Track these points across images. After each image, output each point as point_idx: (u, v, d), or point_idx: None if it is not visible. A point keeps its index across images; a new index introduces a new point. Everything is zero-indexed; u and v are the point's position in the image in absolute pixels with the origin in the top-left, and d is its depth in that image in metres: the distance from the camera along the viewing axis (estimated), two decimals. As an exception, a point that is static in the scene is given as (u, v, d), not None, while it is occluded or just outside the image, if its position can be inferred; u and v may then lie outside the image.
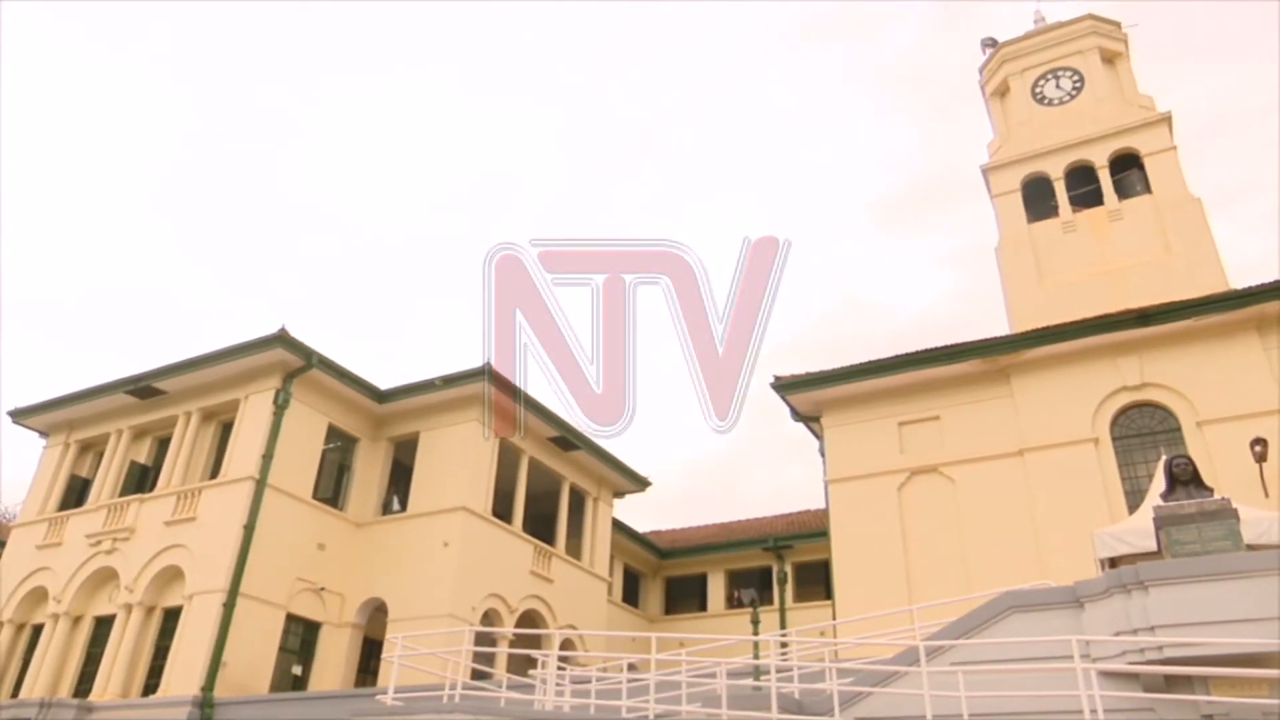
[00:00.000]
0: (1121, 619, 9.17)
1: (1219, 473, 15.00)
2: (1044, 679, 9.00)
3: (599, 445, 24.18)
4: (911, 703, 9.28)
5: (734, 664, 11.11)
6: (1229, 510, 9.63)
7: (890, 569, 17.62)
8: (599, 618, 23.97)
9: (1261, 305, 16.29)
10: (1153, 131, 21.17)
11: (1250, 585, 8.67)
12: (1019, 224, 21.68)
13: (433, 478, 20.96)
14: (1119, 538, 11.99)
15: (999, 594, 10.29)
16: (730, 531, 29.53)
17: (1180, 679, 8.64)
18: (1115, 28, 23.83)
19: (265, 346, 19.51)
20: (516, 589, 21.22)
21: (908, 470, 18.45)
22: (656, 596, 29.85)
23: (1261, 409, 15.77)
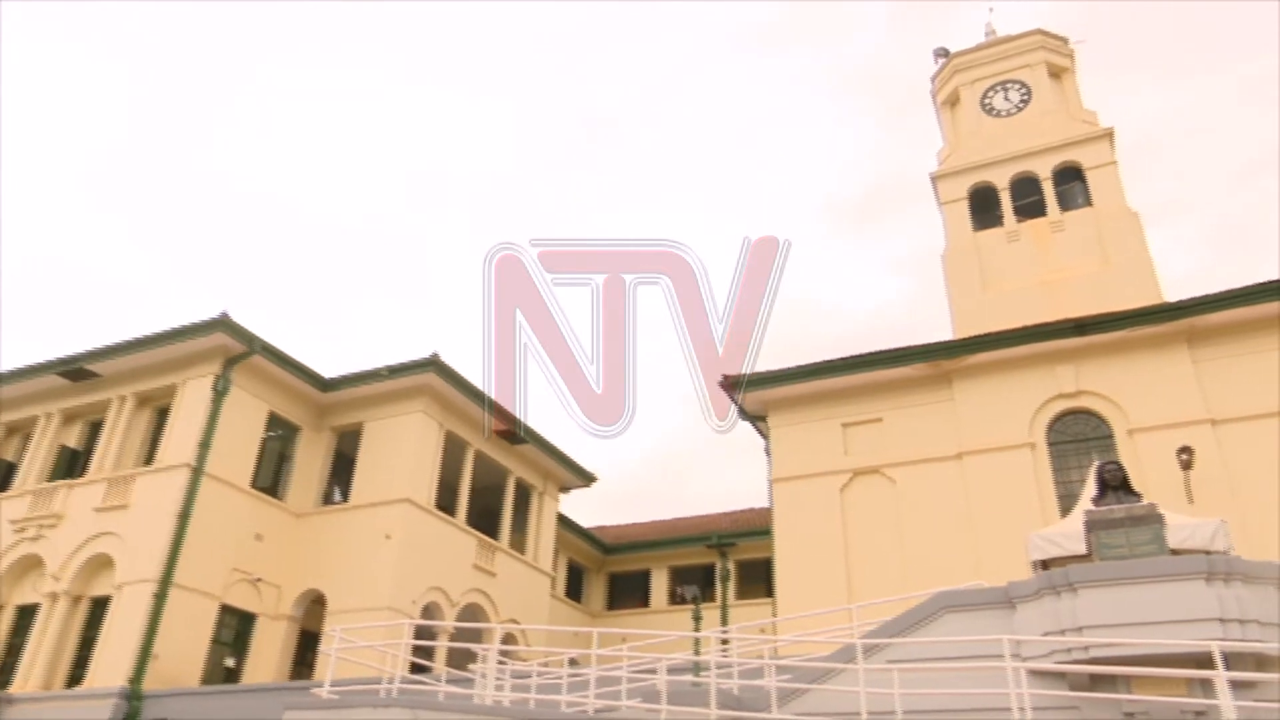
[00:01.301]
0: (1051, 619, 9.43)
1: (1147, 479, 15.49)
2: (976, 677, 9.21)
3: (546, 439, 24.11)
4: (847, 700, 9.42)
5: (674, 660, 11.16)
6: (1155, 516, 9.95)
7: (831, 568, 17.86)
8: (542, 613, 23.91)
9: (1191, 319, 16.86)
10: (1095, 146, 21.75)
11: (1173, 588, 8.97)
12: (965, 232, 22.11)
13: (376, 469, 20.68)
14: (1051, 540, 12.29)
15: (934, 594, 10.51)
16: (675, 528, 29.66)
17: (1105, 678, 8.91)
18: (1063, 43, 24.42)
19: (206, 331, 19.05)
20: (459, 583, 21.05)
21: (850, 471, 18.72)
22: (600, 592, 29.87)
23: (1188, 419, 16.33)
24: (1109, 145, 21.75)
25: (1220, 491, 15.47)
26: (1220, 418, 16.24)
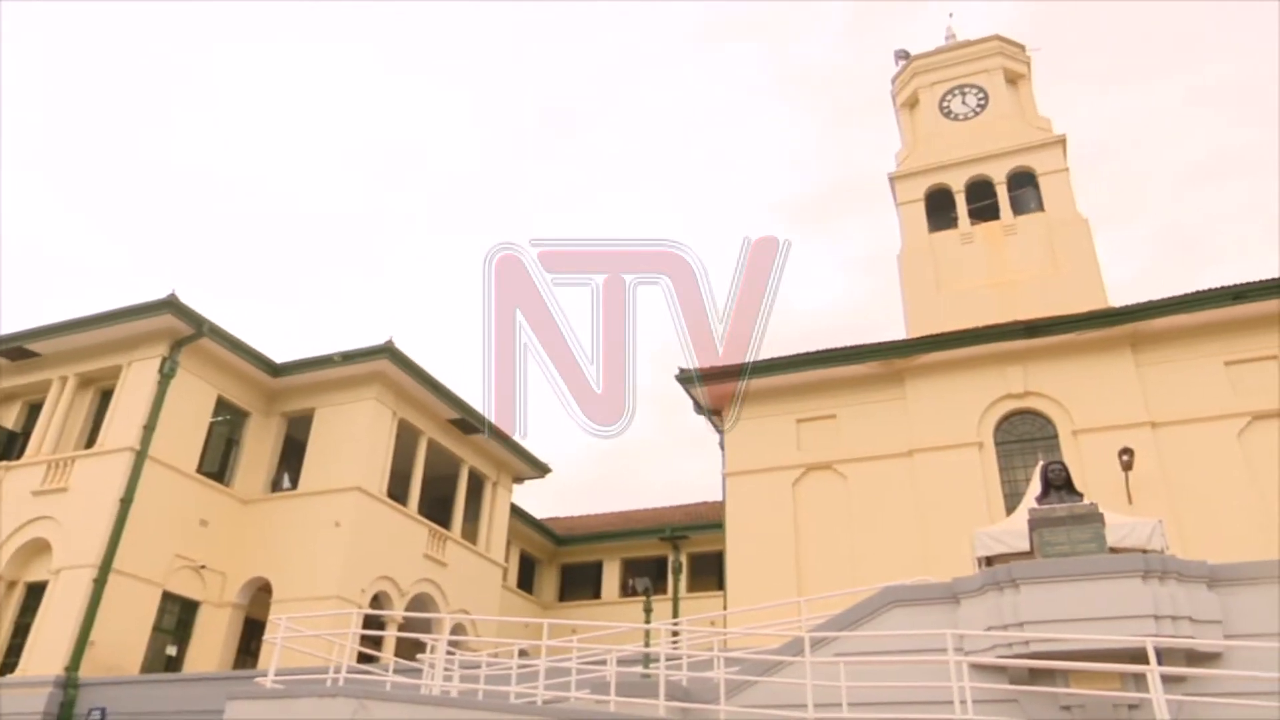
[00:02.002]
0: (994, 615, 9.62)
1: (1089, 479, 15.90)
2: (920, 670, 9.38)
3: (500, 429, 23.97)
4: (794, 692, 9.52)
5: (624, 652, 11.19)
6: (1096, 515, 10.20)
7: (782, 562, 18.04)
8: (492, 603, 23.80)
9: (1135, 324, 17.32)
10: (1048, 152, 22.17)
11: (1110, 586, 9.22)
12: (921, 233, 22.41)
13: (327, 456, 20.40)
14: (996, 538, 12.57)
15: (882, 589, 10.66)
16: (628, 520, 29.74)
17: (1043, 672, 9.12)
18: (1019, 50, 24.84)
19: (153, 312, 18.60)
20: (409, 572, 20.87)
21: (803, 466, 18.92)
22: (552, 583, 29.84)
23: (1130, 421, 16.78)
24: (1061, 152, 22.19)
25: (1158, 492, 15.93)
26: (1160, 421, 16.72)
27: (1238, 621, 9.00)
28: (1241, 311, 16.72)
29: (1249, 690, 8.30)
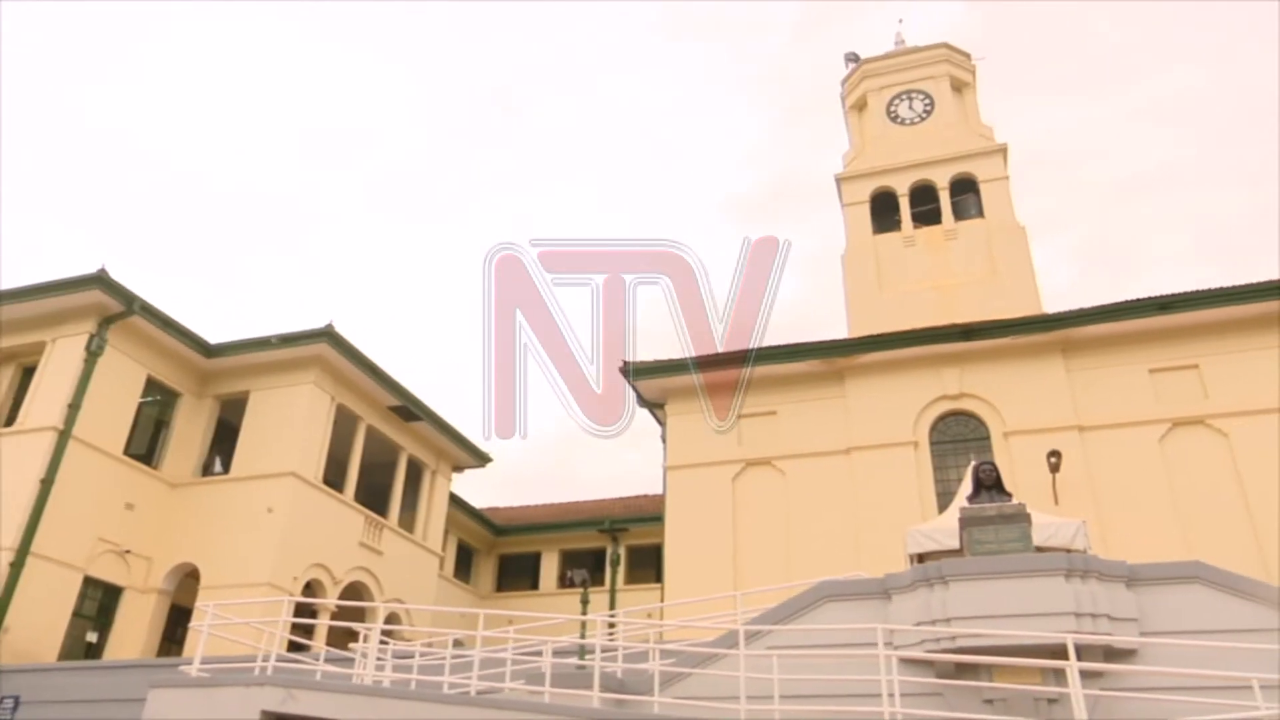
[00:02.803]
0: (923, 610, 9.84)
1: (1019, 480, 16.36)
2: (851, 664, 9.54)
3: (441, 417, 23.73)
4: (728, 684, 9.62)
5: (560, 643, 11.18)
6: (1023, 514, 10.50)
7: (719, 555, 18.21)
8: (428, 593, 23.57)
9: (1067, 330, 17.86)
10: (989, 160, 22.68)
11: (1035, 583, 9.49)
12: (865, 234, 22.76)
13: (261, 440, 19.95)
14: (928, 535, 12.86)
15: (816, 584, 10.82)
16: (567, 512, 29.69)
17: (969, 667, 9.37)
18: (966, 58, 25.34)
19: (80, 287, 17.95)
20: (343, 560, 20.55)
21: (743, 461, 19.11)
22: (489, 573, 29.66)
23: (1059, 424, 17.31)
24: (1002, 160, 22.72)
25: (1083, 494, 16.47)
26: (1088, 425, 17.27)
27: (1153, 619, 9.34)
28: (1167, 322, 17.35)
29: (1163, 685, 8.63)
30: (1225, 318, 17.08)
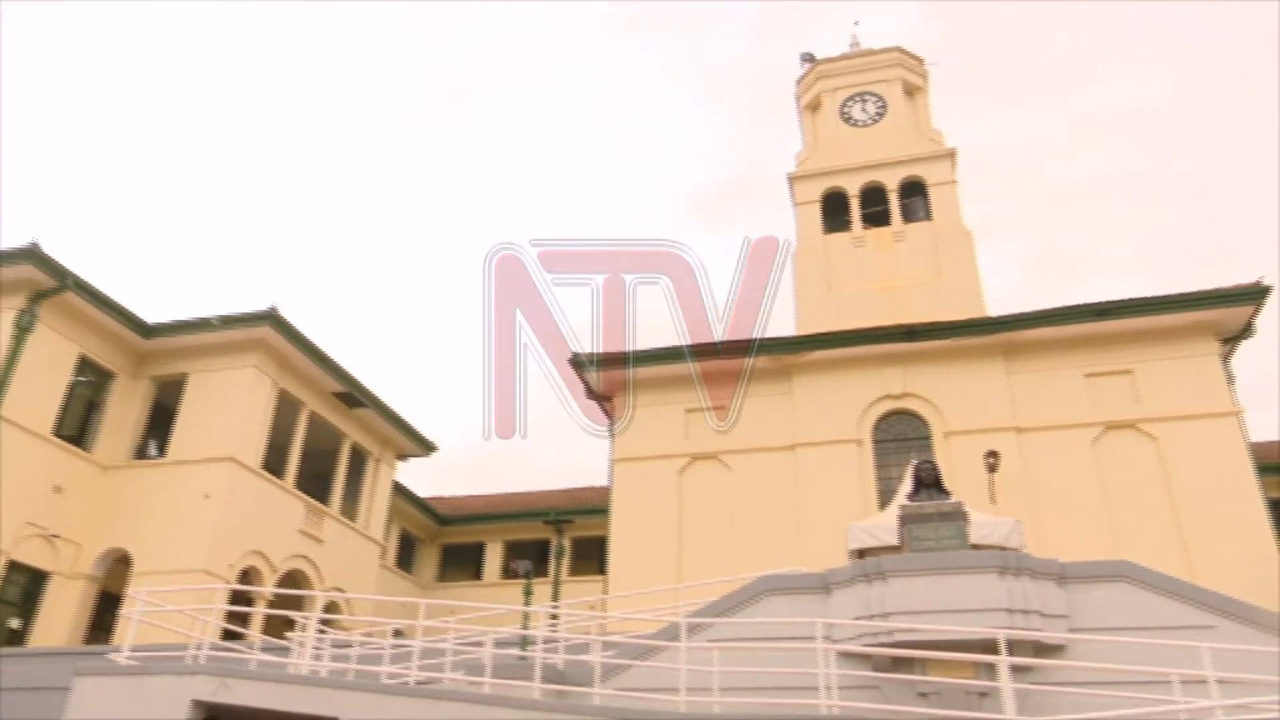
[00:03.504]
0: (862, 605, 10.02)
1: (958, 479, 16.69)
2: (791, 657, 9.67)
3: (386, 404, 23.41)
4: (669, 676, 9.68)
5: (501, 633, 11.14)
6: (961, 513, 10.74)
7: (664, 548, 18.29)
8: (369, 582, 23.28)
9: (1009, 334, 18.28)
10: (939, 164, 23.06)
11: (970, 580, 9.72)
12: (816, 234, 22.99)
13: (199, 424, 19.47)
14: (869, 532, 13.05)
15: (758, 577, 10.95)
16: (512, 502, 29.53)
17: (904, 660, 9.56)
18: (919, 63, 25.70)
19: (10, 261, 17.31)
20: (282, 547, 20.18)
21: (690, 455, 19.21)
22: (432, 563, 29.38)
23: (998, 425, 17.73)
24: (951, 165, 23.12)
25: (1019, 493, 16.89)
26: (1025, 426, 17.72)
27: (1082, 616, 9.64)
28: (1103, 328, 17.87)
29: (1089, 680, 8.91)
30: (1159, 326, 17.64)
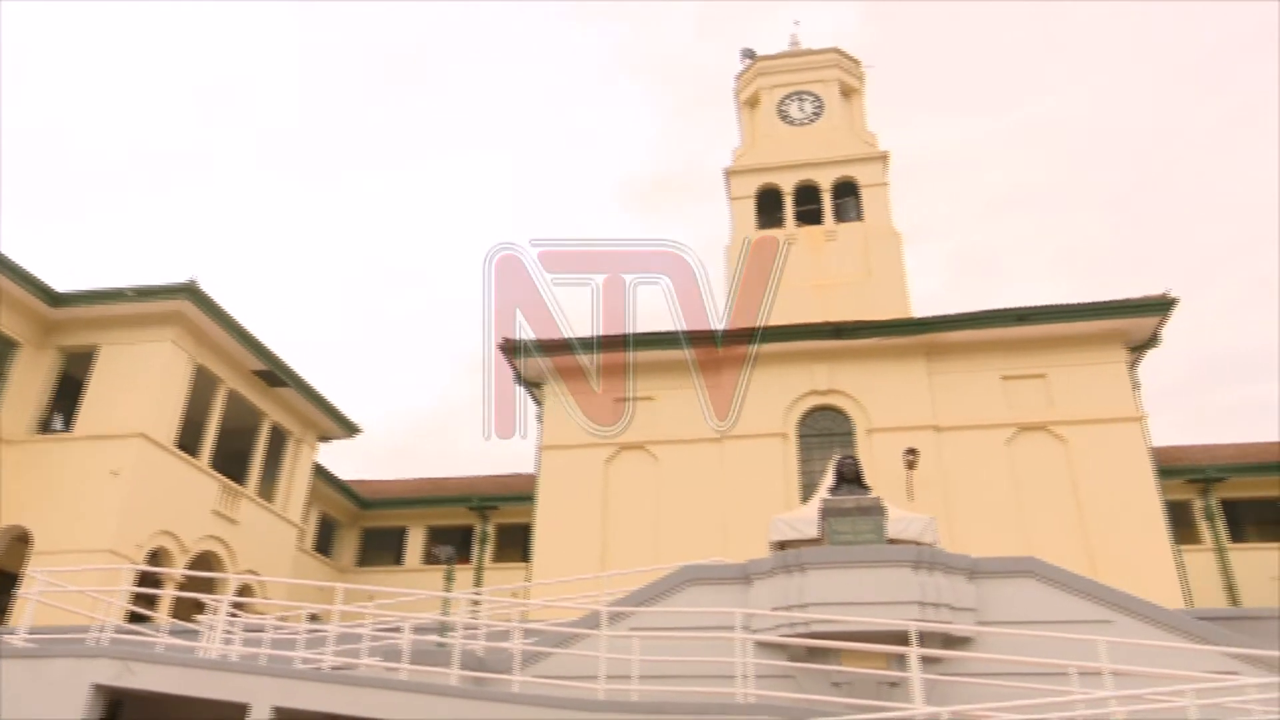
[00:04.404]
0: (781, 596, 10.20)
1: (878, 475, 17.09)
2: (710, 646, 9.80)
3: (309, 384, 22.85)
4: (588, 663, 9.71)
5: (422, 620, 11.01)
6: (879, 508, 11.01)
7: (588, 537, 18.31)
8: (285, 565, 22.73)
9: (932, 335, 18.78)
10: (871, 166, 23.52)
11: (885, 573, 9.98)
12: (749, 229, 23.22)
13: (109, 398, 18.71)
14: (790, 524, 13.28)
15: (680, 567, 11.05)
16: (436, 487, 29.15)
17: (820, 651, 9.77)
18: (856, 65, 26.13)
19: (-94, 220, 16.35)
20: (194, 528, 19.56)
21: (617, 445, 19.25)
22: (351, 547, 28.83)
23: (918, 424, 18.21)
24: (883, 167, 23.59)
25: (936, 491, 17.39)
26: (944, 425, 18.24)
27: (990, 610, 9.99)
28: (1021, 333, 18.50)
29: (995, 671, 9.25)
30: (1073, 332, 18.34)
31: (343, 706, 8.73)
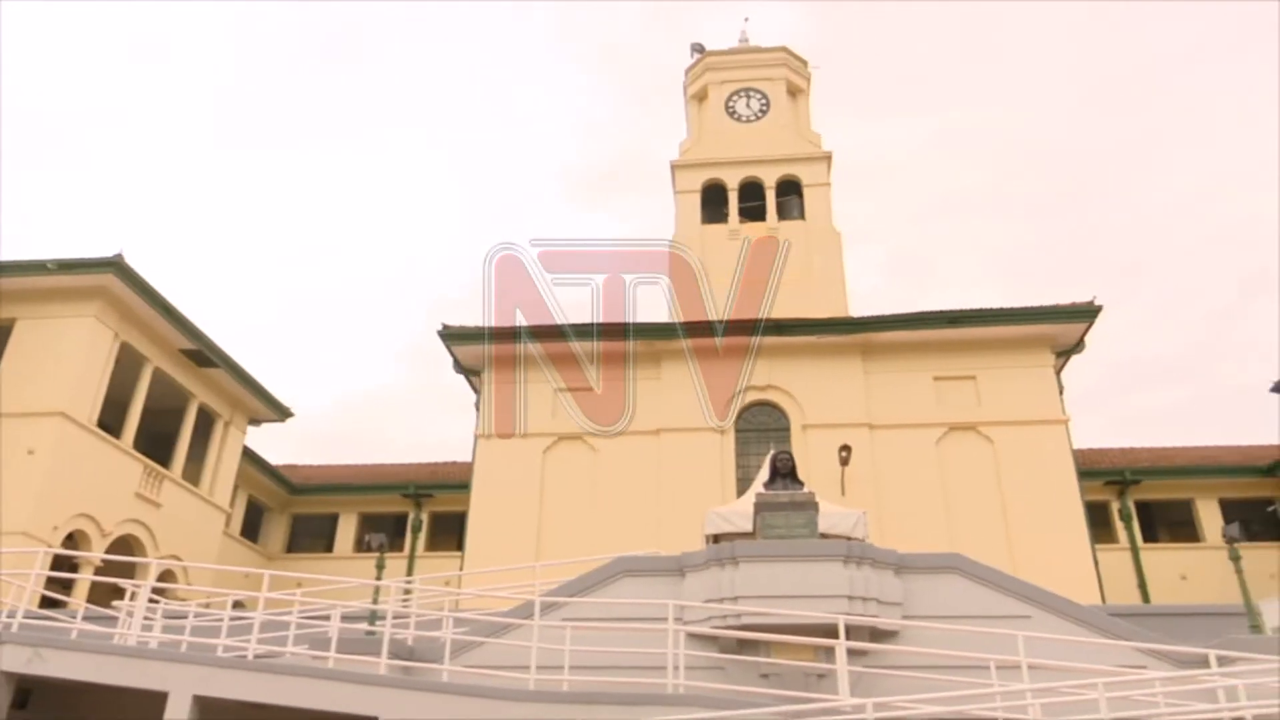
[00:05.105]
0: (714, 588, 10.30)
1: (812, 470, 17.38)
2: (642, 637, 9.84)
3: (238, 365, 22.26)
4: (520, 654, 9.68)
5: (350, 607, 10.84)
6: (812, 503, 11.18)
7: (524, 526, 18.24)
8: (211, 550, 22.16)
9: (868, 334, 19.13)
10: (815, 166, 23.80)
11: (816, 567, 10.15)
12: (694, 223, 23.32)
13: (26, 374, 17.99)
14: (725, 517, 13.42)
15: (615, 558, 11.08)
16: (370, 474, 28.67)
17: (749, 643, 9.90)
18: (803, 65, 26.39)
19: None
20: (114, 511, 18.94)
21: (556, 435, 19.19)
22: (280, 533, 28.22)
23: (853, 421, 18.55)
24: (826, 167, 23.90)
25: (867, 487, 17.74)
26: (877, 423, 18.61)
27: (916, 604, 10.23)
28: (954, 335, 18.97)
29: (919, 664, 9.47)
30: (1002, 336, 18.87)
31: (266, 695, 8.56)
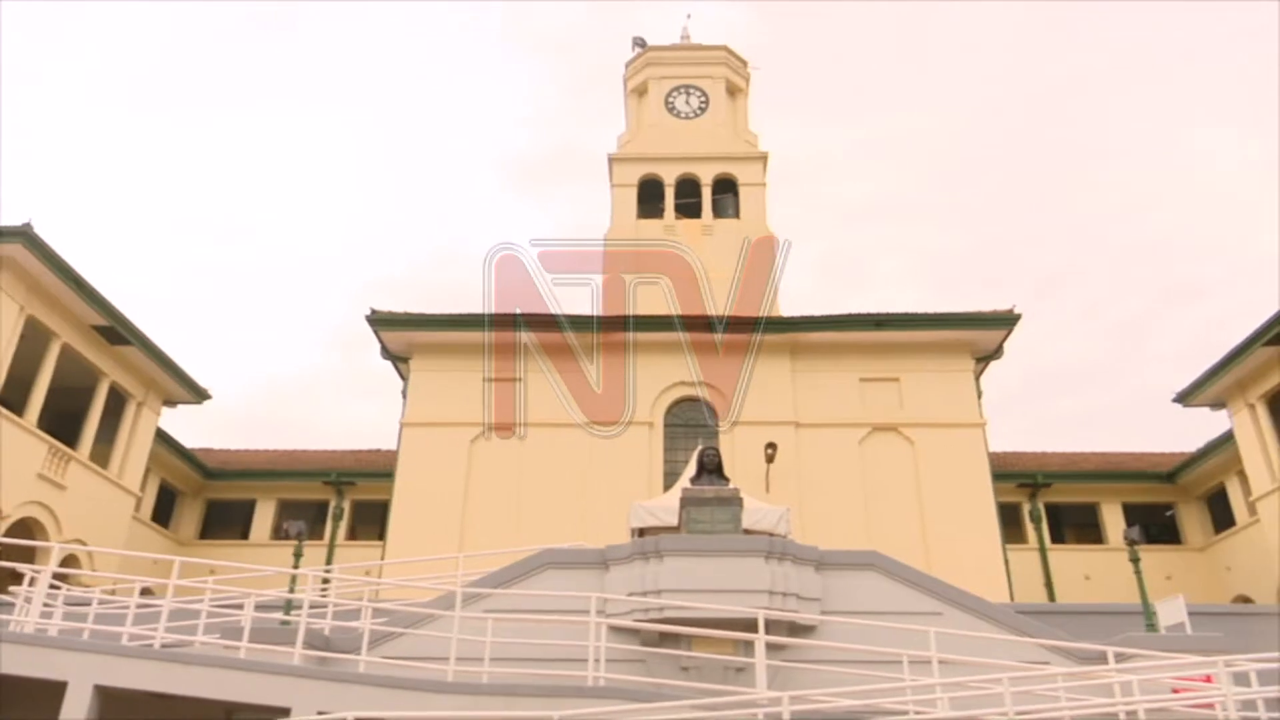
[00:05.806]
0: (637, 581, 10.35)
1: (738, 467, 17.57)
2: (565, 629, 9.84)
3: (153, 344, 21.44)
4: (440, 644, 9.57)
5: (264, 596, 10.58)
6: (737, 499, 11.31)
7: (448, 516, 18.04)
8: (119, 535, 21.33)
9: (796, 334, 19.43)
10: (751, 165, 24.05)
11: (739, 563, 10.28)
12: (630, 217, 23.34)
13: (-79, 346, 17.03)
14: (650, 511, 13.49)
15: (539, 550, 11.04)
16: (291, 459, 27.93)
17: (671, 636, 9.98)
18: (743, 65, 26.61)
19: None
20: (14, 492, 18.08)
21: (483, 425, 19.01)
22: (193, 519, 27.31)
23: (780, 419, 18.83)
24: (762, 168, 24.16)
25: (791, 484, 18.04)
26: (804, 422, 18.92)
27: (834, 600, 10.46)
28: (880, 337, 19.39)
29: (836, 659, 9.67)
30: (926, 340, 19.36)
31: (173, 686, 8.29)
